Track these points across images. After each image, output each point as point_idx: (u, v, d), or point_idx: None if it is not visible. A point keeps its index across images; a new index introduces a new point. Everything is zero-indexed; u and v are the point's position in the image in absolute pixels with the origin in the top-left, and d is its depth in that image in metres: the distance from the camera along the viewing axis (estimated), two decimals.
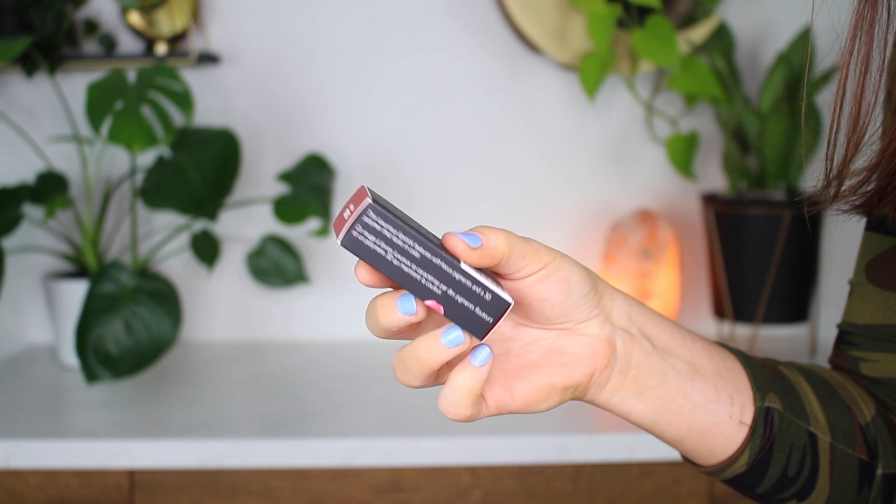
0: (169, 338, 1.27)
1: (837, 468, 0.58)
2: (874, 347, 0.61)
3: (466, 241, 0.45)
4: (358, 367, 1.43)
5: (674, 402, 0.55)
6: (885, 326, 0.60)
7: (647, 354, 0.54)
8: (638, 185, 1.59)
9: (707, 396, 0.55)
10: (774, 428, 0.56)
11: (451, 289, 0.45)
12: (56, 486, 1.13)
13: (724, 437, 0.56)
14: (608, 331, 0.53)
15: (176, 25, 1.50)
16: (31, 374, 1.41)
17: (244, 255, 1.58)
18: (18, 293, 1.57)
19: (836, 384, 0.62)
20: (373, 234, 0.44)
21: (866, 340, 0.62)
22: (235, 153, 1.38)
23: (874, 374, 0.62)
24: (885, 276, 0.60)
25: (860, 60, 0.50)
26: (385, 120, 1.57)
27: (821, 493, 0.58)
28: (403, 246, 0.44)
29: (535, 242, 0.49)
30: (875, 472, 0.59)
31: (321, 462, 1.11)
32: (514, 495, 1.15)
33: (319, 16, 1.55)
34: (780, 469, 0.57)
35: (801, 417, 0.57)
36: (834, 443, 0.58)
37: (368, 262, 0.44)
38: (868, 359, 0.62)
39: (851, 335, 0.63)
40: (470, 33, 1.56)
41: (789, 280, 1.42)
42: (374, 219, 0.43)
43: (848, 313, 0.63)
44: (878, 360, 0.61)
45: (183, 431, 1.14)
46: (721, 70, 1.43)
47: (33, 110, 1.55)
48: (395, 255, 0.44)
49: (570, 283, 0.50)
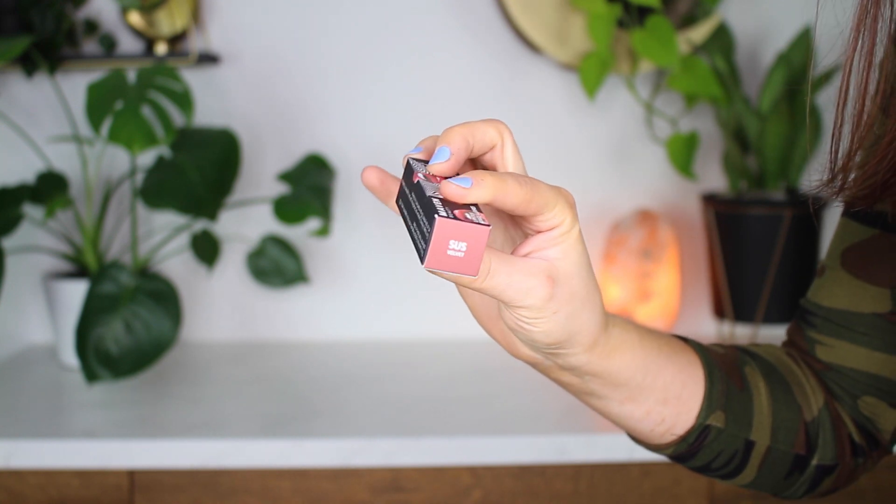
0: (169, 338, 1.27)
1: (768, 464, 0.60)
2: (832, 332, 0.63)
3: (459, 184, 0.43)
4: (358, 367, 1.43)
5: (590, 403, 0.57)
6: (849, 313, 0.62)
7: (569, 384, 0.55)
8: (638, 185, 1.59)
9: (632, 416, 0.57)
10: (706, 440, 0.58)
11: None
12: (56, 486, 1.13)
13: (644, 435, 0.58)
14: (539, 357, 0.53)
15: (176, 25, 1.50)
16: (31, 374, 1.41)
17: (244, 255, 1.58)
18: (18, 293, 1.57)
19: (791, 380, 0.63)
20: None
21: (826, 324, 0.63)
22: (235, 153, 1.38)
23: (827, 360, 0.63)
24: (860, 265, 0.61)
25: (863, 55, 0.50)
26: (385, 120, 1.57)
27: (745, 478, 0.61)
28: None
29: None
30: (810, 462, 0.61)
31: (321, 462, 1.11)
32: (514, 495, 1.15)
33: (320, 16, 1.55)
34: (702, 464, 0.60)
35: (744, 428, 0.59)
36: (772, 445, 0.60)
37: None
38: (824, 343, 0.63)
39: (813, 315, 0.64)
40: (470, 33, 1.56)
41: (789, 280, 1.42)
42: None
43: (814, 293, 0.64)
44: (834, 346, 0.62)
45: (183, 431, 1.14)
46: (721, 70, 1.43)
47: (33, 110, 1.56)
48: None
49: (529, 336, 0.48)
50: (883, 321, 0.60)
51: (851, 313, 0.62)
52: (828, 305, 0.63)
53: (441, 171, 0.45)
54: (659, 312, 1.47)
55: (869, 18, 0.50)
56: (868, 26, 0.50)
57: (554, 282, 0.45)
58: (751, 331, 1.46)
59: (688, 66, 1.41)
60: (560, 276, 0.46)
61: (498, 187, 0.42)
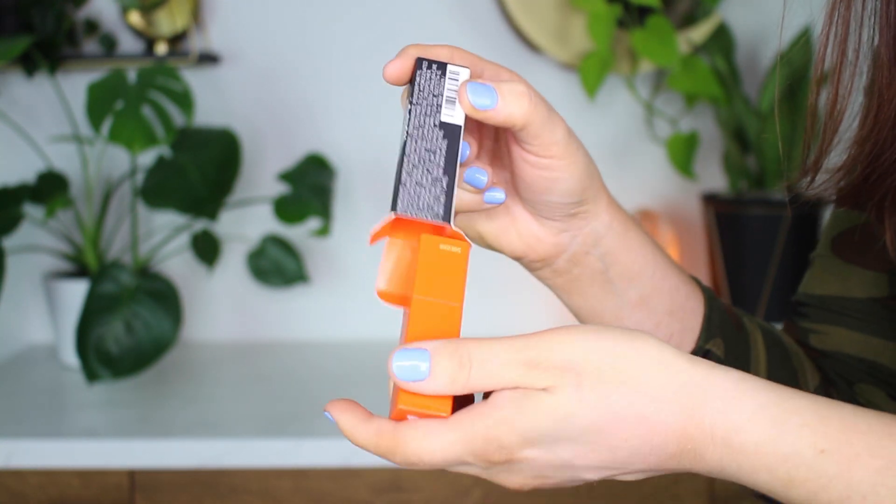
0: (169, 338, 1.27)
1: None
2: (825, 319, 0.61)
3: (471, 99, 0.46)
4: (358, 367, 1.43)
5: (602, 316, 0.56)
6: (841, 298, 0.60)
7: (592, 273, 0.54)
8: (638, 185, 1.59)
9: (642, 327, 0.56)
10: None
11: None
12: (56, 486, 1.13)
13: None
14: (564, 240, 0.53)
15: (176, 25, 1.50)
16: (31, 374, 1.41)
17: (244, 255, 1.58)
18: (18, 293, 1.57)
19: (791, 350, 0.62)
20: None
21: (818, 312, 0.61)
22: (236, 153, 1.38)
23: (822, 347, 0.61)
24: (850, 249, 0.60)
25: (836, 45, 0.49)
26: (386, 119, 1.57)
27: None
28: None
29: (557, 124, 0.49)
30: None
31: (321, 462, 1.11)
32: (515, 495, 1.15)
33: (320, 15, 1.55)
34: None
35: (742, 367, 0.58)
36: None
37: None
38: (818, 331, 0.61)
39: (805, 306, 0.63)
40: (470, 33, 1.56)
41: (789, 280, 1.42)
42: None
43: (804, 285, 0.63)
44: (828, 332, 0.61)
45: (183, 431, 1.14)
46: (721, 70, 1.43)
47: (33, 110, 1.56)
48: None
49: (558, 185, 0.50)
50: (879, 306, 0.58)
51: (845, 299, 0.60)
52: (820, 293, 0.61)
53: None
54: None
55: (842, 7, 0.49)
56: (841, 15, 0.49)
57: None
58: None
59: (688, 65, 1.41)
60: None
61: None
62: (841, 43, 0.49)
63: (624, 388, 0.41)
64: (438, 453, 0.41)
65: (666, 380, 0.41)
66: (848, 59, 0.49)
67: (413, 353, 0.41)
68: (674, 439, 0.42)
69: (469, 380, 0.41)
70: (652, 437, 0.42)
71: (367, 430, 0.42)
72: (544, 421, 0.40)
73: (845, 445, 0.41)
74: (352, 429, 0.43)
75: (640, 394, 0.41)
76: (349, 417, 0.43)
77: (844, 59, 0.49)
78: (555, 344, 0.41)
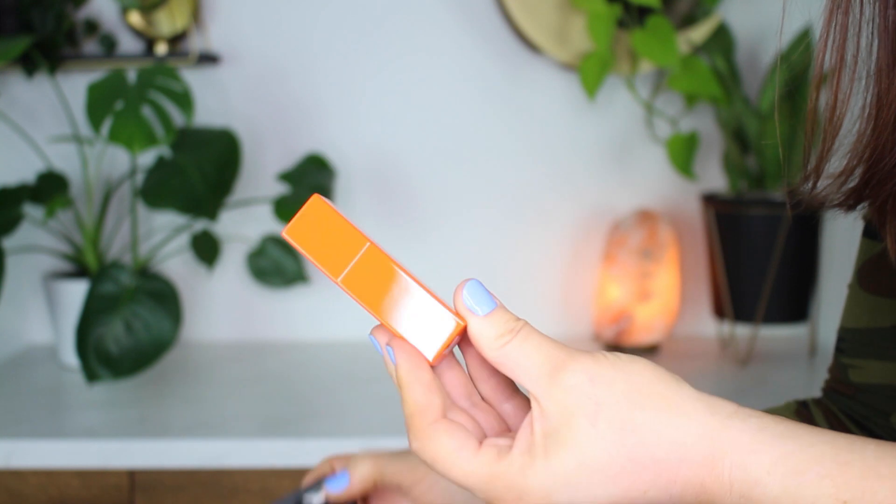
0: (169, 338, 1.27)
1: None
2: (860, 353, 0.61)
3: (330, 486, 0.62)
4: (358, 367, 1.43)
5: None
6: (871, 330, 0.60)
7: None
8: (638, 185, 1.59)
9: None
10: None
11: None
12: (56, 486, 1.13)
13: None
14: None
15: (176, 25, 1.50)
16: (31, 374, 1.41)
17: (244, 255, 1.58)
18: (18, 293, 1.57)
19: None
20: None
21: (854, 346, 0.61)
22: (235, 153, 1.38)
23: (859, 381, 0.61)
24: (871, 280, 0.60)
25: (835, 51, 0.48)
26: (385, 120, 1.57)
27: None
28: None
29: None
30: None
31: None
32: None
33: (319, 16, 1.55)
34: None
35: None
36: None
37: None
38: (855, 365, 0.61)
39: (843, 341, 0.62)
40: (470, 33, 1.56)
41: (789, 280, 1.42)
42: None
43: (842, 318, 0.63)
44: (863, 366, 0.60)
45: (183, 431, 1.14)
46: (721, 70, 1.43)
47: (33, 110, 1.56)
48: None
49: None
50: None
51: (873, 330, 0.59)
52: (852, 327, 0.61)
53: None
54: (659, 312, 1.47)
55: (840, 12, 0.48)
56: (839, 20, 0.48)
57: None
58: (751, 331, 1.46)
59: (688, 66, 1.41)
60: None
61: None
62: (839, 49, 0.48)
63: (642, 437, 0.42)
64: (461, 473, 0.45)
65: (686, 429, 0.42)
66: (846, 65, 0.48)
67: (486, 296, 0.46)
68: (692, 492, 0.42)
69: (507, 345, 0.44)
70: (670, 488, 0.42)
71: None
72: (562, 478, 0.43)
73: (868, 494, 0.40)
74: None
75: (658, 445, 0.42)
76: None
77: (843, 64, 0.48)
78: (579, 376, 0.44)
